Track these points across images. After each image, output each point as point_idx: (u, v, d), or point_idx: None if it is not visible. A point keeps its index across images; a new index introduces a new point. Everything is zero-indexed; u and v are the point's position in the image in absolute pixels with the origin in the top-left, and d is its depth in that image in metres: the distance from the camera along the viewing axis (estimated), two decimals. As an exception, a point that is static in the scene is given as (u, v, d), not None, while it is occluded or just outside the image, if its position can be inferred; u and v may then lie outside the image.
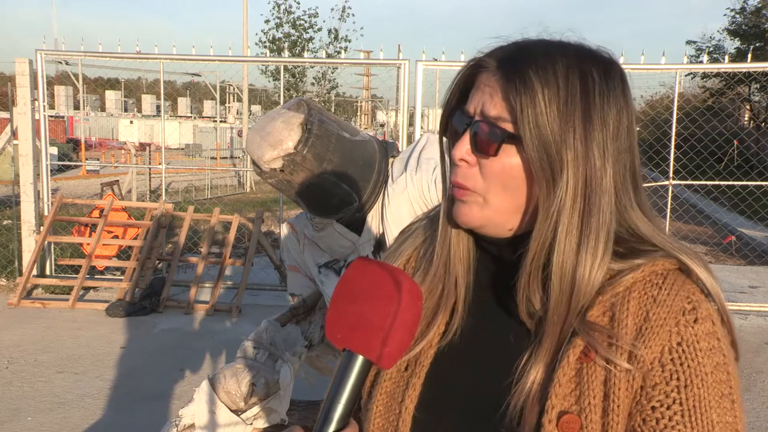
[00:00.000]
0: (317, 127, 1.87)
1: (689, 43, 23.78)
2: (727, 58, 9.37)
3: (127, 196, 13.94)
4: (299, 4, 19.38)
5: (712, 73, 15.65)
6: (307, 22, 19.37)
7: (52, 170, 7.86)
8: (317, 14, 19.40)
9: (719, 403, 0.77)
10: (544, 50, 0.80)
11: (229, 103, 37.24)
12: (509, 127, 0.79)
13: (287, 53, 14.35)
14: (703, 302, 0.80)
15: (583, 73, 0.78)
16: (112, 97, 49.04)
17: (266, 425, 1.99)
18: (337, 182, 1.91)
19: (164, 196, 7.50)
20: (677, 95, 6.95)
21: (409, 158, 1.97)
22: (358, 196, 1.95)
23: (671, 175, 6.69)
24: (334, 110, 20.05)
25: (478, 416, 0.84)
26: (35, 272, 6.61)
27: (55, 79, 26.58)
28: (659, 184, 6.87)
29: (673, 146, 6.47)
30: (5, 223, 8.55)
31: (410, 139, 6.81)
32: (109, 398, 4.24)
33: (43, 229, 6.64)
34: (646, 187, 0.87)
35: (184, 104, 52.68)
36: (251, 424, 1.96)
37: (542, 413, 0.78)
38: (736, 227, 11.69)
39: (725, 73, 12.30)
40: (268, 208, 12.15)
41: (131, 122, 44.60)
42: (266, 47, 18.88)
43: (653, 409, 0.77)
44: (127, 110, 51.26)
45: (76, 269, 6.92)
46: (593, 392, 0.77)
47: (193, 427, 1.98)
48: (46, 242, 6.71)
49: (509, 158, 0.80)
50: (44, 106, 6.86)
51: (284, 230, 2.22)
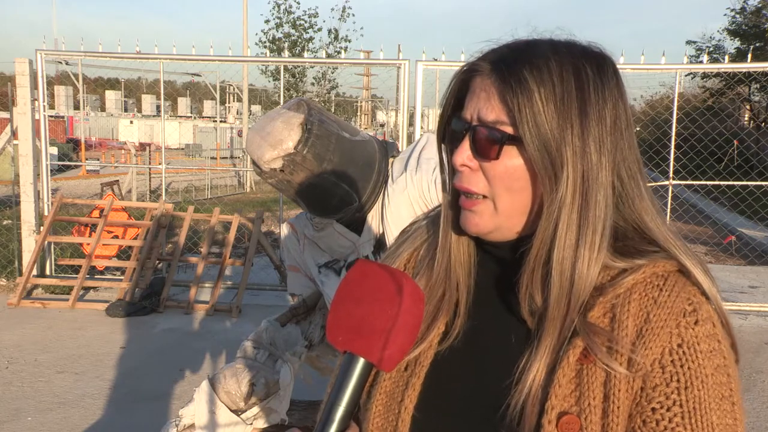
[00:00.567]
0: (317, 127, 1.87)
1: (689, 43, 23.81)
2: (727, 58, 9.38)
3: (127, 196, 13.94)
4: (299, 4, 19.42)
5: (712, 73, 15.65)
6: (307, 22, 19.40)
7: (52, 170, 7.86)
8: (317, 14, 19.44)
9: (719, 405, 0.77)
10: (536, 49, 0.80)
11: (229, 103, 37.23)
12: (508, 128, 0.79)
13: (287, 53, 14.35)
14: (703, 304, 0.80)
15: (576, 69, 0.79)
16: (112, 97, 49.04)
17: (266, 425, 1.99)
18: (337, 182, 1.91)
19: (164, 196, 7.50)
20: (677, 95, 6.94)
21: (409, 158, 1.97)
22: (358, 196, 1.95)
23: (671, 175, 6.69)
24: (334, 110, 20.05)
25: (477, 417, 0.84)
26: (35, 272, 6.61)
27: (55, 79, 26.60)
28: (659, 184, 6.87)
29: (673, 146, 6.47)
30: (5, 223, 8.55)
31: (410, 139, 6.81)
32: (109, 398, 4.24)
33: (43, 229, 6.64)
34: (646, 187, 0.87)
35: (184, 104, 52.67)
36: (251, 424, 1.96)
37: (542, 413, 0.78)
38: (736, 227, 11.69)
39: (725, 73, 12.30)
40: (268, 208, 12.14)
41: (131, 122, 44.60)
42: (266, 47, 18.89)
43: (653, 410, 0.77)
44: (127, 110, 51.25)
45: (76, 269, 6.92)
46: (593, 393, 0.77)
47: (193, 427, 1.98)
48: (46, 242, 6.70)
49: (511, 160, 0.80)
50: (44, 106, 6.86)
51: (284, 230, 2.22)
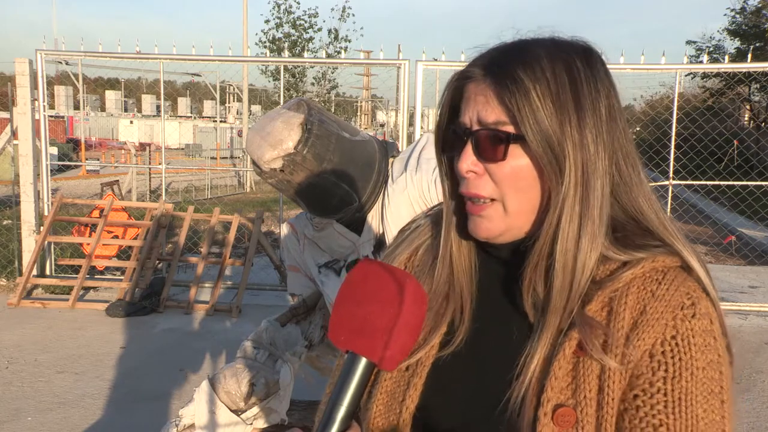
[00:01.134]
0: (317, 127, 1.87)
1: (689, 43, 23.82)
2: (727, 58, 9.38)
3: (127, 196, 13.94)
4: (299, 4, 19.42)
5: (712, 73, 15.65)
6: (307, 22, 19.40)
7: (52, 170, 7.85)
8: (317, 14, 19.44)
9: (707, 399, 0.77)
10: (525, 49, 0.81)
11: (229, 103, 37.23)
12: (510, 128, 0.79)
13: (287, 53, 14.35)
14: (702, 300, 0.80)
15: (567, 64, 0.80)
16: (112, 97, 49.02)
17: (266, 425, 1.99)
18: (337, 182, 1.91)
19: (164, 196, 7.50)
20: (677, 95, 6.94)
21: (409, 158, 1.97)
22: (358, 196, 1.95)
23: (671, 175, 6.68)
24: (334, 110, 20.05)
25: (479, 416, 0.84)
26: (35, 272, 6.61)
27: (55, 79, 26.60)
28: (659, 184, 6.86)
29: (673, 146, 6.47)
30: (5, 223, 8.55)
31: (410, 139, 6.81)
32: (109, 398, 4.24)
33: (43, 229, 6.64)
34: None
35: (184, 104, 52.66)
36: (251, 424, 1.97)
37: (539, 406, 0.78)
38: (736, 227, 11.69)
39: (725, 73, 12.30)
40: (268, 208, 12.14)
41: (131, 122, 44.59)
42: (266, 47, 18.89)
43: (635, 397, 0.78)
44: (127, 110, 51.24)
45: (76, 269, 6.92)
46: (589, 386, 0.78)
47: (193, 427, 1.98)
48: (46, 242, 6.70)
49: (517, 159, 0.80)
50: (44, 106, 6.86)
51: (284, 230, 2.22)
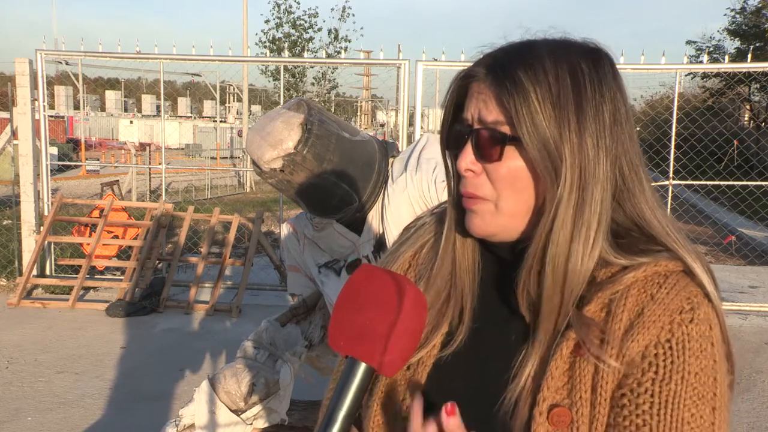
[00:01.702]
0: (317, 127, 1.87)
1: (689, 43, 23.83)
2: (727, 58, 9.38)
3: (127, 196, 13.94)
4: (299, 4, 19.43)
5: (712, 73, 15.66)
6: (307, 22, 19.41)
7: (52, 170, 7.85)
8: (317, 14, 19.45)
9: (696, 404, 0.76)
10: (530, 50, 0.80)
11: (229, 103, 37.22)
12: (507, 129, 0.79)
13: (287, 53, 14.35)
14: (703, 305, 0.79)
15: (572, 66, 0.79)
16: (112, 97, 49.02)
17: (266, 425, 1.99)
18: (337, 182, 1.91)
19: (164, 196, 7.50)
20: (677, 95, 6.94)
21: (409, 158, 1.97)
22: (358, 196, 1.95)
23: (671, 175, 6.68)
24: (334, 110, 20.05)
25: (479, 415, 0.84)
26: (35, 272, 6.61)
27: (55, 79, 26.60)
28: (659, 184, 6.86)
29: (673, 146, 6.47)
30: (5, 223, 8.55)
31: (410, 139, 6.81)
32: (109, 398, 4.24)
33: (43, 229, 6.64)
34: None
35: (184, 104, 52.66)
36: (251, 424, 1.97)
37: (534, 405, 0.78)
38: (736, 227, 11.68)
39: (725, 73, 12.30)
40: (268, 208, 12.14)
41: (131, 122, 44.59)
42: (266, 47, 18.90)
43: (622, 395, 0.77)
44: (127, 110, 51.23)
45: (76, 269, 6.92)
46: (584, 386, 0.77)
47: (193, 427, 1.98)
48: (46, 242, 6.70)
49: (513, 161, 0.80)
50: (44, 106, 6.86)
51: (284, 230, 2.22)
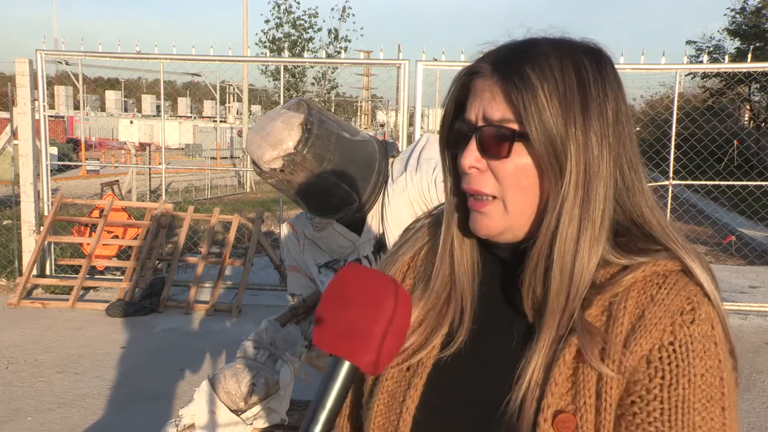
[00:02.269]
0: (317, 127, 1.87)
1: (689, 43, 23.85)
2: (727, 58, 9.38)
3: (127, 196, 13.94)
4: (299, 4, 19.42)
5: (712, 73, 15.66)
6: (307, 22, 19.40)
7: (52, 170, 7.85)
8: (317, 14, 19.43)
9: (705, 406, 0.75)
10: (535, 47, 0.81)
11: (229, 103, 37.23)
12: (515, 126, 0.79)
13: (287, 53, 14.35)
14: (704, 305, 0.79)
15: (576, 64, 0.79)
16: (112, 97, 49.04)
17: (266, 425, 1.99)
18: (337, 182, 1.91)
19: (164, 196, 7.50)
20: (677, 95, 6.94)
21: (409, 158, 1.97)
22: (358, 196, 1.95)
23: (671, 175, 6.68)
24: (334, 110, 20.05)
25: (479, 416, 0.84)
26: (35, 272, 6.61)
27: (55, 79, 26.61)
28: (659, 184, 6.86)
29: (673, 146, 6.47)
30: (5, 223, 8.55)
31: (410, 139, 6.81)
32: (109, 398, 4.24)
33: (43, 229, 6.64)
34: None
35: (184, 104, 52.67)
36: (251, 424, 1.96)
37: (539, 411, 0.77)
38: (736, 227, 11.68)
39: (725, 73, 12.30)
40: (268, 208, 12.14)
41: (131, 122, 44.59)
42: (266, 47, 18.89)
43: (632, 403, 0.77)
44: (127, 110, 51.25)
45: (76, 269, 6.92)
46: (588, 392, 0.77)
47: (193, 427, 1.98)
48: (46, 242, 6.70)
49: (520, 158, 0.80)
50: (44, 106, 6.86)
51: (284, 230, 2.22)
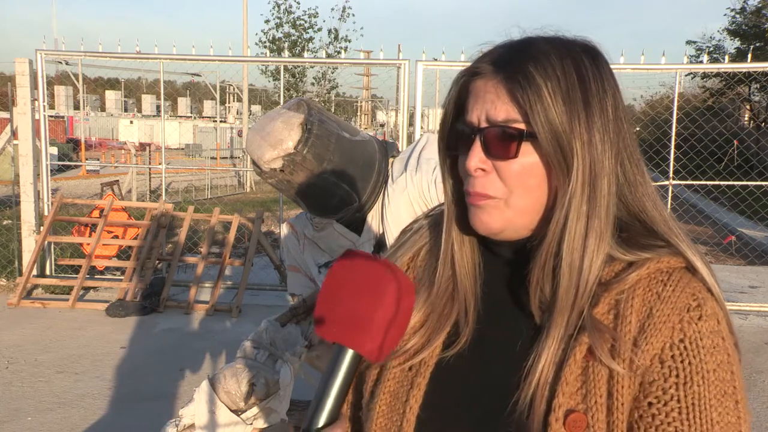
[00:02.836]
0: (317, 127, 1.87)
1: (689, 43, 23.86)
2: (727, 58, 9.38)
3: (127, 196, 13.94)
4: (299, 4, 19.41)
5: (712, 73, 15.66)
6: (307, 22, 19.39)
7: (52, 170, 7.85)
8: (317, 14, 19.43)
9: (720, 402, 0.76)
10: (534, 46, 0.81)
11: (229, 103, 37.24)
12: (522, 125, 0.79)
13: (287, 53, 14.35)
14: (708, 300, 0.80)
15: (575, 62, 0.80)
16: (112, 97, 49.05)
17: (266, 425, 1.99)
18: (337, 182, 1.91)
19: (164, 196, 7.50)
20: (677, 95, 6.94)
21: (409, 158, 1.97)
22: (358, 196, 1.95)
23: (671, 175, 6.68)
24: (334, 110, 20.05)
25: (483, 416, 0.84)
26: (35, 272, 6.61)
27: (55, 79, 26.63)
28: (659, 184, 6.85)
29: (673, 146, 6.47)
30: (5, 223, 8.55)
31: (410, 139, 6.81)
32: (109, 398, 4.24)
33: (43, 229, 6.64)
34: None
35: (184, 104, 52.67)
36: (251, 424, 1.96)
37: (549, 411, 0.77)
38: (736, 227, 11.68)
39: (725, 73, 12.30)
40: (268, 208, 12.14)
41: (131, 122, 44.60)
42: (266, 47, 18.89)
43: (650, 405, 0.77)
44: (127, 110, 51.25)
45: (76, 269, 6.92)
46: (599, 391, 0.77)
47: (193, 427, 1.98)
48: (46, 242, 6.70)
49: (526, 157, 0.80)
50: (44, 106, 6.86)
51: (284, 230, 2.22)
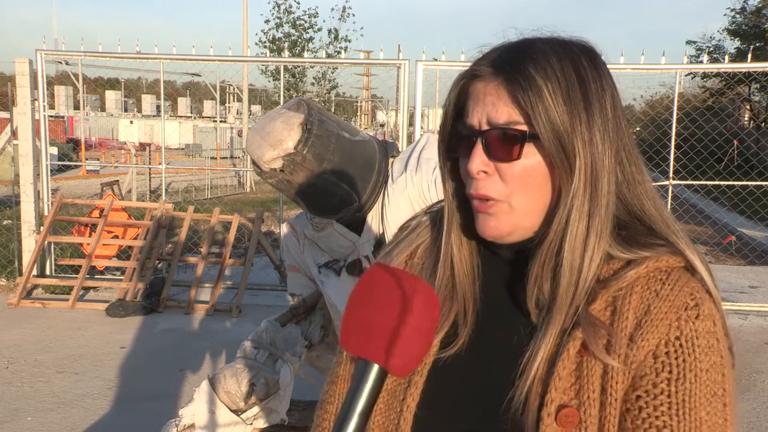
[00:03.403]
0: (317, 127, 1.87)
1: (689, 43, 23.87)
2: (727, 58, 9.38)
3: (127, 196, 13.94)
4: (299, 4, 19.42)
5: (712, 73, 15.66)
6: (307, 22, 19.40)
7: (52, 170, 7.85)
8: (317, 14, 19.44)
9: (710, 402, 0.76)
10: (532, 47, 0.81)
11: (229, 103, 37.24)
12: (524, 127, 0.79)
13: (287, 53, 14.35)
14: (706, 301, 0.80)
15: (574, 62, 0.80)
16: (112, 97, 49.06)
17: (266, 425, 1.99)
18: (337, 182, 1.91)
19: (164, 196, 7.50)
20: (677, 95, 6.94)
21: (409, 158, 1.97)
22: (358, 196, 1.95)
23: (671, 175, 6.68)
24: (334, 110, 20.06)
25: (480, 414, 0.84)
26: (35, 272, 6.61)
27: (55, 79, 26.63)
28: (659, 184, 6.85)
29: (673, 146, 6.47)
30: (5, 223, 8.55)
31: (410, 139, 6.81)
32: (109, 398, 4.24)
33: (43, 229, 6.64)
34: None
35: (184, 104, 52.68)
36: (251, 424, 1.97)
37: (542, 406, 0.78)
38: (736, 227, 11.68)
39: (725, 73, 12.30)
40: (268, 208, 12.14)
41: (131, 122, 44.61)
42: (266, 47, 18.89)
43: (638, 398, 0.77)
44: (127, 110, 51.26)
45: (76, 269, 6.92)
46: (592, 386, 0.77)
47: (193, 427, 1.98)
48: (46, 242, 6.70)
49: (528, 158, 0.80)
50: (44, 106, 6.86)
51: (284, 230, 2.22)
